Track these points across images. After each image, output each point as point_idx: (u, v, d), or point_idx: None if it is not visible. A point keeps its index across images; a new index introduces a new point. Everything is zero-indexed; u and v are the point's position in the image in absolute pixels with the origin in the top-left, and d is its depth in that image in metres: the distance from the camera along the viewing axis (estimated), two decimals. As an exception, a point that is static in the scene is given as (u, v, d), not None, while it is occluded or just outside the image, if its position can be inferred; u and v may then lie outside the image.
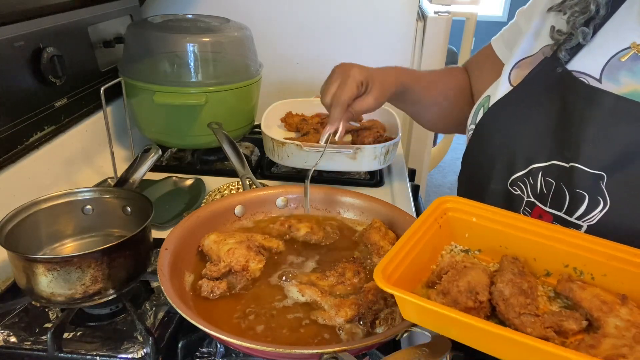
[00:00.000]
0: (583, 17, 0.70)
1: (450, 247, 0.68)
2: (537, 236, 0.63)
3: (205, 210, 0.83)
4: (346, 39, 1.57)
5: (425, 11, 1.60)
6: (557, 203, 0.68)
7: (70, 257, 0.69)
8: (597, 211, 0.64)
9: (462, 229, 0.68)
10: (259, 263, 0.74)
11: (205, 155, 1.31)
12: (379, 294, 0.68)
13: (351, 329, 0.65)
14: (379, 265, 0.54)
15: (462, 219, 0.67)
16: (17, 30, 0.95)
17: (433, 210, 0.66)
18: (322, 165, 1.13)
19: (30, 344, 0.71)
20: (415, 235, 0.61)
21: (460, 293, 0.55)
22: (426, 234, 0.63)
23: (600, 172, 0.63)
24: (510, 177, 0.73)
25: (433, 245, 0.65)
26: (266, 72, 1.35)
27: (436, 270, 0.62)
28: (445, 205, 0.67)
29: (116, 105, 1.29)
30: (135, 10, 1.45)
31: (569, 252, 0.61)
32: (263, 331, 0.65)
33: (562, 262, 0.62)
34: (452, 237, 0.68)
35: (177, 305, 0.61)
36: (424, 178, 1.84)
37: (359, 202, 0.89)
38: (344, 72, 0.84)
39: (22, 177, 0.96)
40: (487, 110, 0.78)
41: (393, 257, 0.56)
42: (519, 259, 0.62)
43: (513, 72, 0.78)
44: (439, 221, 0.66)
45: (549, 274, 0.63)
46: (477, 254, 0.67)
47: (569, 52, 0.70)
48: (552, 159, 0.68)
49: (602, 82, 0.66)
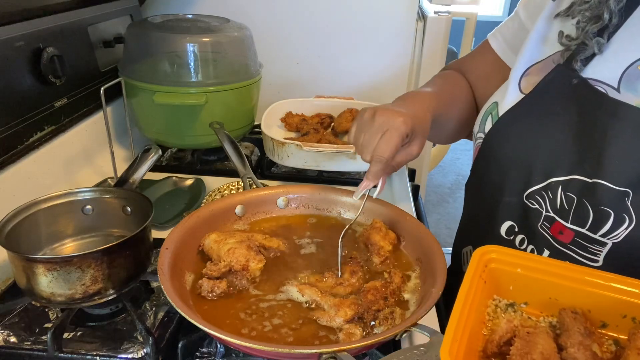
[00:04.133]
0: (595, 25, 0.68)
1: (494, 301, 0.62)
2: (590, 285, 0.58)
3: (206, 210, 0.83)
4: (346, 39, 1.57)
5: (425, 11, 1.60)
6: (579, 219, 0.66)
7: (70, 257, 0.69)
8: (622, 228, 0.62)
9: (507, 282, 0.62)
10: (259, 263, 0.74)
11: (205, 155, 1.31)
12: (378, 294, 0.68)
13: (350, 329, 0.65)
14: (444, 347, 0.48)
15: (505, 270, 0.61)
16: (17, 30, 0.95)
17: (476, 264, 0.60)
18: (323, 165, 1.13)
19: (30, 344, 0.71)
20: (468, 300, 0.55)
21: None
22: (476, 295, 0.57)
23: (626, 189, 0.61)
24: (527, 190, 0.71)
25: (481, 304, 0.60)
26: (266, 72, 1.35)
27: (494, 338, 0.56)
28: (488, 257, 0.62)
29: (116, 105, 1.29)
30: (135, 10, 1.45)
31: (626, 301, 0.56)
32: (263, 331, 0.65)
33: (620, 312, 0.57)
34: (496, 290, 0.63)
35: (178, 305, 0.61)
36: (424, 178, 1.84)
37: (359, 202, 0.89)
38: (387, 124, 0.72)
39: (22, 177, 0.96)
40: (497, 119, 0.76)
41: (455, 333, 0.50)
42: (579, 312, 0.57)
43: (523, 80, 0.76)
44: (483, 276, 0.60)
45: (606, 325, 0.58)
46: (523, 307, 0.62)
47: (583, 63, 0.68)
48: (573, 173, 0.66)
49: (621, 92, 0.64)
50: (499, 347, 0.55)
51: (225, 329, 0.61)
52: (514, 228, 0.75)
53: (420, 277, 0.75)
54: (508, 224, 0.76)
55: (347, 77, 1.62)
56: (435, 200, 3.75)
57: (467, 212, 0.90)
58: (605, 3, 0.67)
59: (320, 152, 1.09)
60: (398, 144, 0.71)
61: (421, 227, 0.81)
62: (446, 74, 1.00)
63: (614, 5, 0.67)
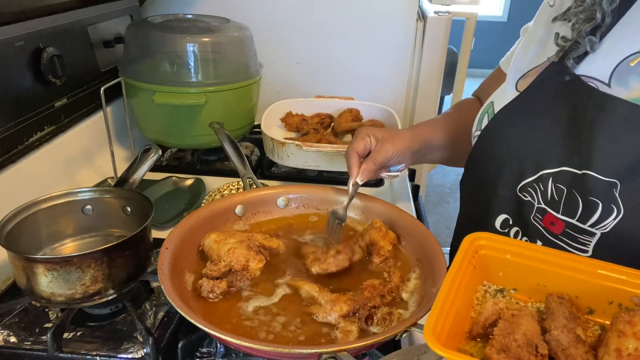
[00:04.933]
0: (589, 24, 0.70)
1: (483, 287, 0.64)
2: (577, 272, 0.59)
3: (206, 210, 0.83)
4: (346, 39, 1.57)
5: (425, 11, 1.60)
6: (569, 210, 0.67)
7: (70, 257, 0.69)
8: (610, 219, 0.63)
9: (496, 268, 0.63)
10: (259, 262, 0.74)
11: (205, 155, 1.31)
12: (375, 291, 0.68)
13: (346, 326, 0.65)
14: (427, 324, 0.50)
15: (495, 256, 0.63)
16: (17, 30, 0.95)
17: (466, 250, 0.62)
18: (323, 165, 1.13)
19: (30, 344, 0.71)
20: (455, 283, 0.57)
21: (521, 348, 0.51)
22: (463, 279, 0.59)
23: (614, 179, 0.63)
24: (520, 183, 0.73)
25: (469, 289, 0.61)
26: (266, 72, 1.35)
27: (480, 319, 0.58)
28: (478, 243, 0.63)
29: (116, 105, 1.29)
30: (135, 10, 1.45)
31: (612, 288, 0.57)
32: (263, 330, 0.65)
33: (606, 298, 0.58)
34: (485, 276, 0.64)
35: (177, 305, 0.61)
36: (424, 178, 1.84)
37: (359, 202, 0.89)
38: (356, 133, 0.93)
39: (22, 177, 0.96)
40: (493, 116, 0.78)
41: (439, 313, 0.52)
42: (565, 297, 0.59)
43: (520, 81, 0.78)
44: (473, 262, 0.62)
45: (592, 312, 0.60)
46: (512, 293, 0.64)
47: (576, 60, 0.70)
48: (563, 165, 0.68)
49: (612, 86, 0.66)
50: (484, 328, 0.57)
51: (225, 329, 0.61)
52: (509, 221, 0.77)
53: (420, 277, 0.75)
54: (503, 217, 0.77)
55: (347, 77, 1.62)
56: (435, 200, 3.75)
57: (463, 209, 0.91)
58: (599, 4, 0.69)
59: (320, 152, 1.09)
60: (359, 141, 0.89)
61: (421, 227, 0.81)
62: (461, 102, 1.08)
63: (607, 5, 0.68)
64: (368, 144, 0.90)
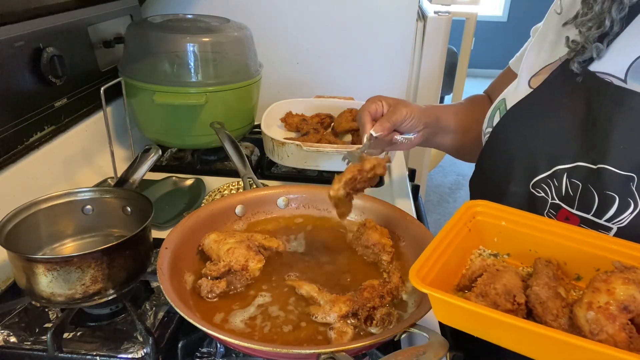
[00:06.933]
0: (597, 31, 0.70)
1: (479, 251, 0.67)
2: (567, 240, 0.62)
3: (206, 210, 0.83)
4: (346, 38, 1.57)
5: (425, 11, 1.60)
6: (584, 205, 0.67)
7: (70, 257, 0.69)
8: (627, 213, 0.64)
9: (491, 233, 0.67)
10: (258, 262, 0.74)
11: (205, 155, 1.31)
12: (375, 292, 0.68)
13: (342, 327, 0.65)
14: (413, 266, 0.54)
15: (491, 222, 0.67)
16: (17, 30, 0.95)
17: (462, 214, 0.65)
18: (323, 165, 1.13)
19: (30, 344, 0.71)
20: (446, 239, 0.61)
21: (499, 295, 0.55)
22: (456, 237, 0.63)
23: (631, 173, 0.63)
24: (533, 179, 0.73)
25: (462, 249, 0.64)
26: (266, 72, 1.35)
27: (467, 273, 0.62)
28: (474, 209, 0.67)
29: (116, 105, 1.29)
30: (135, 10, 1.45)
31: (600, 256, 0.60)
32: (262, 330, 0.65)
33: (593, 265, 0.61)
34: (481, 241, 0.68)
35: (177, 305, 0.61)
36: (424, 178, 1.84)
37: (359, 202, 0.89)
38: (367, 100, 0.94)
39: (22, 177, 0.96)
40: (505, 113, 0.78)
41: (427, 259, 0.56)
42: (553, 262, 0.62)
43: (533, 79, 0.78)
44: (468, 225, 0.66)
45: (580, 278, 0.63)
46: (506, 258, 0.67)
47: (581, 64, 0.70)
48: (578, 160, 0.68)
49: (628, 82, 0.66)
50: (471, 281, 0.61)
51: (224, 329, 0.61)
52: None
53: (420, 277, 0.75)
54: None
55: (347, 77, 1.62)
56: (435, 200, 3.75)
57: None
58: (608, 12, 0.69)
59: (320, 152, 1.09)
60: (370, 103, 0.91)
61: (421, 227, 0.81)
62: (472, 96, 1.09)
63: (616, 13, 0.68)
64: (380, 107, 0.90)
